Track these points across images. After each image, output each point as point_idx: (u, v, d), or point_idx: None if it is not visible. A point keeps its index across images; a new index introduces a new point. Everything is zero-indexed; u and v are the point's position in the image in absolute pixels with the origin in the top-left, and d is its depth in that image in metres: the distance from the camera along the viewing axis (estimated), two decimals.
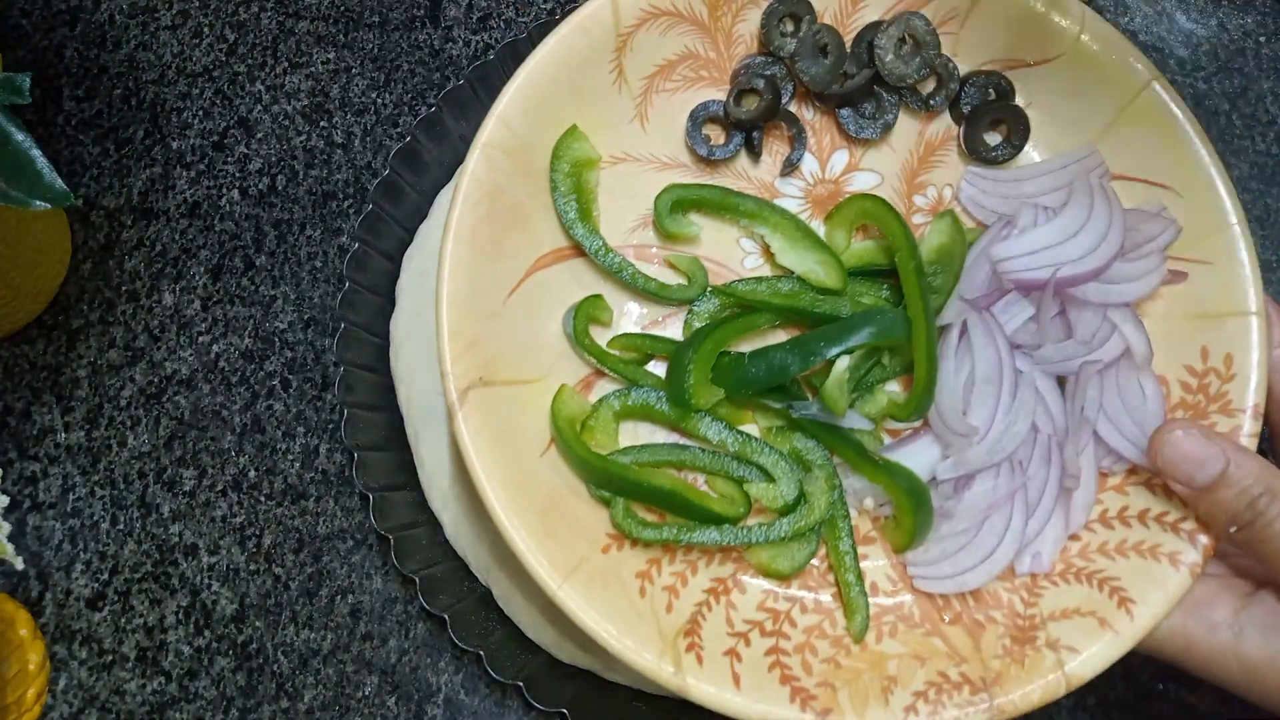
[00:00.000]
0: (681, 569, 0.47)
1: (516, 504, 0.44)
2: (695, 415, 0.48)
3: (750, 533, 0.46)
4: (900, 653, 0.45)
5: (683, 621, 0.45)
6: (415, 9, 0.71)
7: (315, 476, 0.60)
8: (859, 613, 0.46)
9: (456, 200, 0.47)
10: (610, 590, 0.45)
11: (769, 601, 0.47)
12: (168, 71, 0.69)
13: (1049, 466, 0.46)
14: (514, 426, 0.47)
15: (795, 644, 0.45)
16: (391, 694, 0.56)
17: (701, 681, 0.42)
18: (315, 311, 0.64)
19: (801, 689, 0.43)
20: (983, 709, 0.42)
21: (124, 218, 0.65)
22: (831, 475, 0.47)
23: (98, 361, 0.62)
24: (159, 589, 0.58)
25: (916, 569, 0.47)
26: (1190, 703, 0.57)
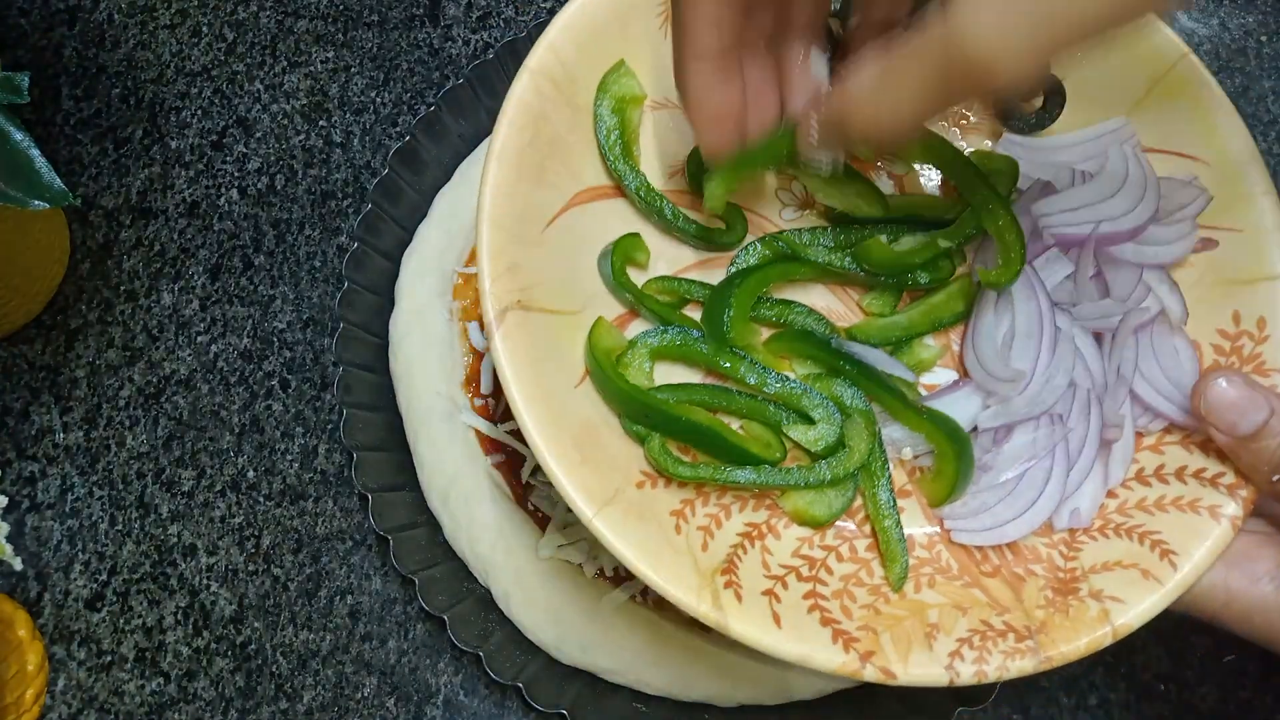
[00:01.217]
0: (716, 511, 0.46)
1: (552, 429, 0.43)
2: (734, 356, 0.47)
3: (788, 475, 0.45)
4: (940, 603, 0.44)
5: (719, 560, 0.43)
6: (414, 8, 0.71)
7: (314, 477, 0.60)
8: (897, 561, 0.45)
9: (502, 122, 0.46)
10: (646, 524, 0.43)
11: (804, 548, 0.46)
12: (166, 71, 0.69)
13: (1089, 420, 0.46)
14: (550, 354, 0.45)
15: (833, 590, 0.44)
16: (391, 695, 0.56)
17: (742, 620, 0.41)
18: (314, 311, 0.63)
19: (843, 631, 0.42)
20: (1029, 657, 0.41)
21: (122, 217, 0.65)
22: (871, 421, 0.46)
23: (96, 361, 0.62)
24: (158, 589, 0.58)
25: (954, 522, 0.46)
26: (1190, 703, 0.57)
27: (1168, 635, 0.58)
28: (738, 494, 0.46)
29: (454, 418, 0.57)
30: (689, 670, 0.52)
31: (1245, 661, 0.58)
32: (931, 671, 0.41)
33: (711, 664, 0.52)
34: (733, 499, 0.46)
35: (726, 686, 0.52)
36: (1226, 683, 0.57)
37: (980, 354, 0.47)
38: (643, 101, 0.50)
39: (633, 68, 0.49)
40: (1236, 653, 0.58)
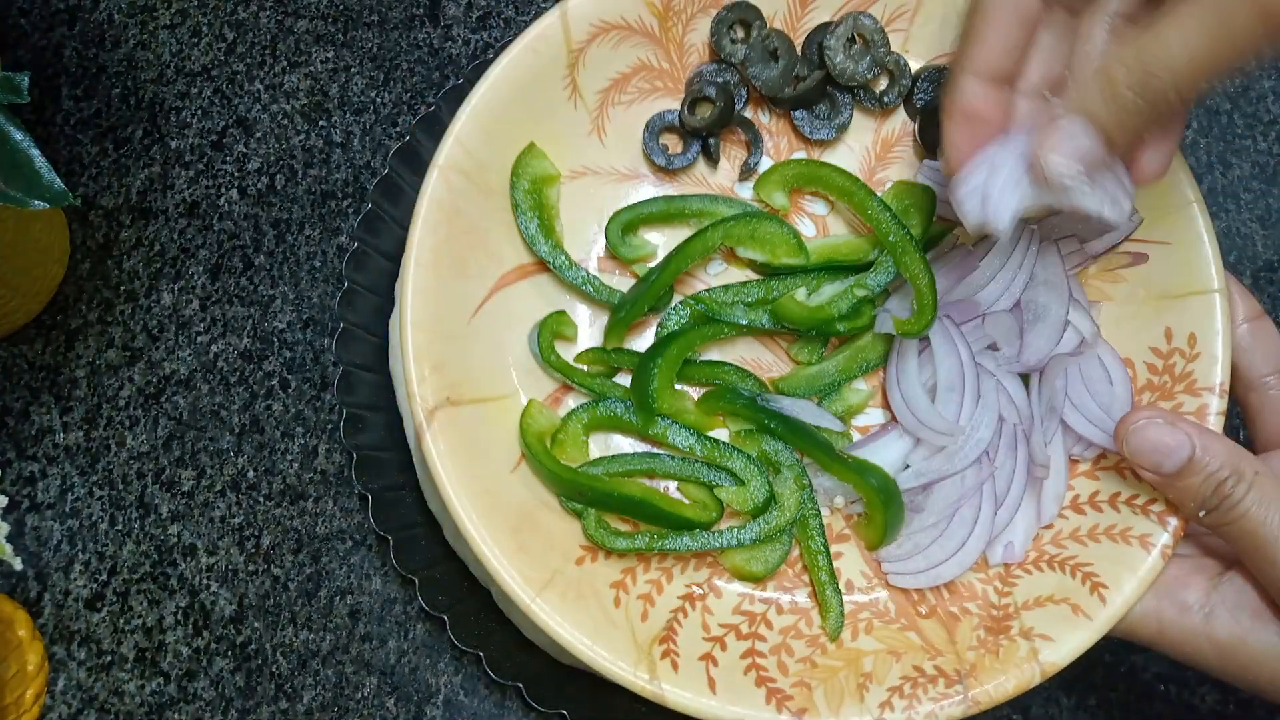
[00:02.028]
0: (656, 576, 0.47)
1: (489, 521, 0.45)
2: (662, 422, 0.48)
3: (722, 537, 0.46)
4: (876, 649, 0.45)
5: (658, 629, 0.45)
6: (414, 7, 0.71)
7: (314, 477, 0.60)
8: (833, 611, 0.46)
9: (416, 224, 0.47)
10: (585, 601, 0.45)
11: (745, 604, 0.47)
12: (166, 71, 0.69)
13: (1015, 456, 0.47)
14: (484, 444, 0.47)
15: (771, 645, 0.46)
16: (391, 695, 0.56)
17: (677, 688, 0.43)
18: (314, 311, 0.63)
19: (777, 690, 0.44)
20: (957, 701, 0.43)
21: (122, 217, 0.65)
22: (801, 475, 0.48)
23: (96, 361, 0.62)
24: (158, 589, 0.58)
25: (890, 565, 0.48)
26: (1190, 703, 0.57)
27: None
28: (678, 557, 0.48)
29: None
30: None
31: None
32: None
33: None
34: (673, 562, 0.48)
35: None
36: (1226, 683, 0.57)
37: (910, 402, 0.48)
38: (557, 179, 0.51)
39: (544, 143, 0.50)
40: None
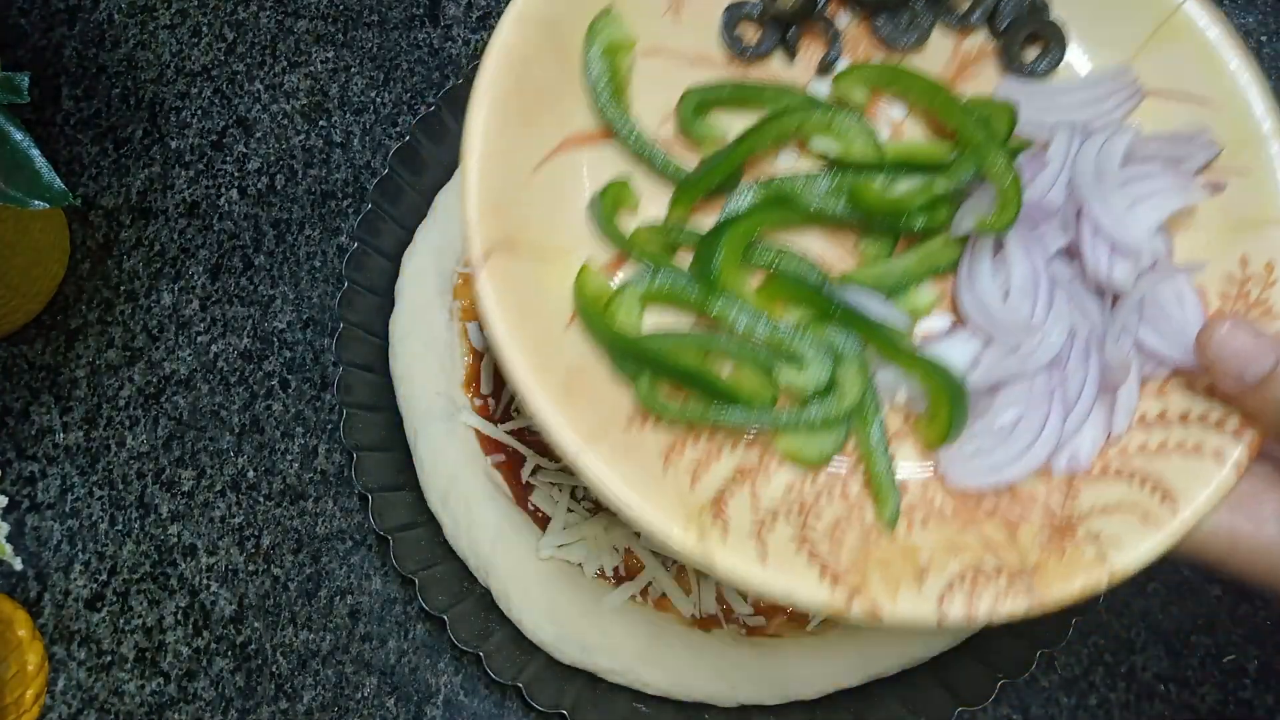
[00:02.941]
0: (705, 452, 0.45)
1: (538, 368, 0.42)
2: (723, 300, 0.46)
3: (778, 416, 0.44)
4: (932, 544, 0.43)
5: (707, 498, 0.43)
6: (414, 8, 0.71)
7: (314, 477, 0.60)
8: (889, 502, 0.44)
9: (488, 66, 0.45)
10: (632, 462, 0.42)
11: (795, 490, 0.45)
12: (166, 71, 0.69)
13: (1087, 366, 0.46)
14: (537, 296, 0.45)
15: (823, 530, 0.43)
16: (391, 695, 0.56)
17: (727, 555, 0.41)
18: (314, 311, 0.63)
19: (830, 568, 0.42)
20: (1021, 596, 0.41)
21: (122, 217, 0.65)
22: (864, 365, 0.45)
23: (96, 361, 0.62)
24: (158, 589, 0.58)
25: (950, 465, 0.46)
26: (1190, 703, 0.57)
27: (1168, 635, 0.58)
28: (728, 435, 0.45)
29: (454, 418, 0.57)
30: (689, 670, 0.52)
31: (1245, 661, 0.58)
32: (920, 610, 0.40)
33: (712, 664, 0.52)
34: (723, 440, 0.45)
35: (726, 687, 0.52)
36: (1227, 683, 0.57)
37: (982, 302, 0.46)
38: (632, 47, 0.49)
39: (619, 13, 0.48)
40: (1237, 653, 0.58)
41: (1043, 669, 0.57)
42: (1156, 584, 0.59)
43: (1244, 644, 0.58)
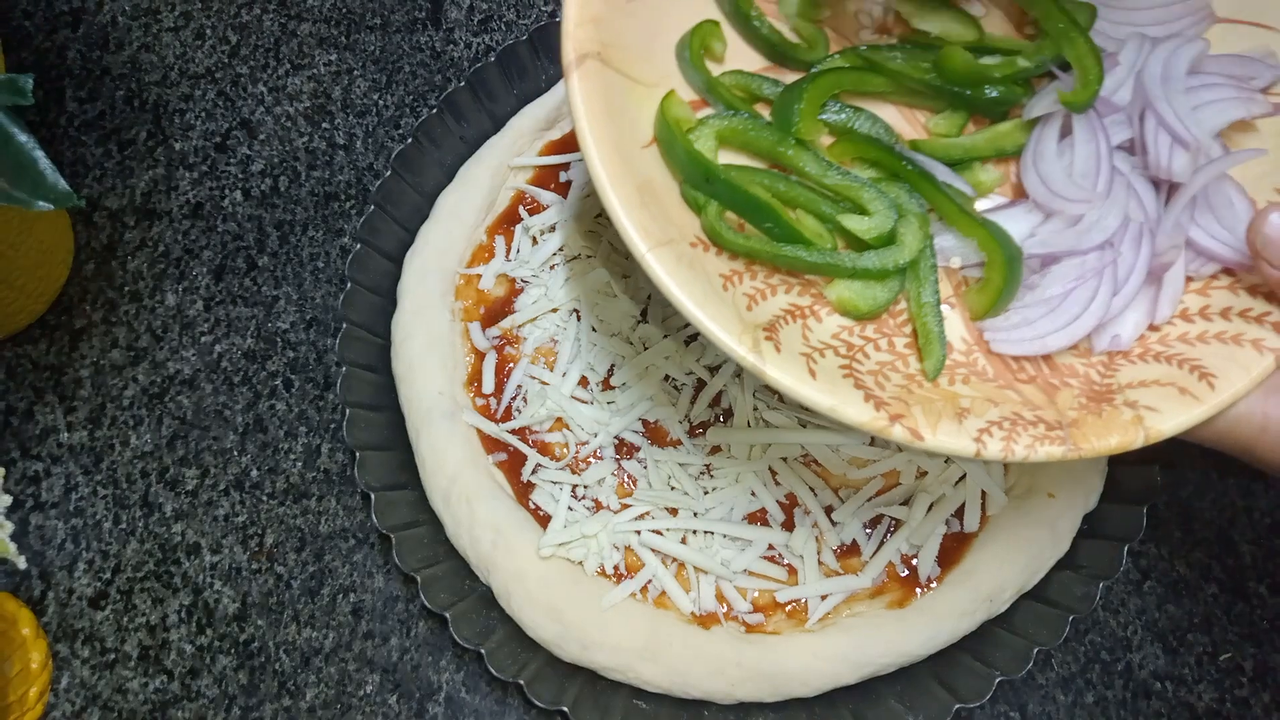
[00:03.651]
0: (761, 287, 0.46)
1: (616, 169, 0.43)
2: (798, 145, 0.47)
3: (838, 258, 0.46)
4: (973, 395, 0.45)
5: (762, 321, 0.44)
6: (417, 11, 0.71)
7: (317, 476, 0.60)
8: (934, 353, 0.45)
9: None
10: (695, 273, 0.44)
11: (844, 336, 0.46)
12: (170, 73, 0.69)
13: (1139, 250, 0.47)
14: (621, 111, 0.46)
15: (869, 368, 0.45)
16: (393, 692, 0.57)
17: (779, 367, 0.42)
18: (317, 312, 0.64)
19: (875, 395, 0.43)
20: (1058, 445, 0.42)
21: (127, 218, 0.65)
22: (925, 223, 0.47)
23: (100, 361, 0.62)
24: (161, 588, 0.58)
25: (995, 333, 0.47)
26: (1187, 700, 0.57)
27: (1165, 633, 0.58)
28: (784, 276, 0.47)
29: (456, 417, 0.57)
30: (689, 668, 0.53)
31: (1242, 660, 0.58)
32: (959, 442, 0.41)
33: (711, 662, 0.53)
34: (779, 280, 0.47)
35: (725, 684, 0.53)
36: (1223, 681, 0.58)
37: (1045, 178, 0.48)
38: None
39: None
40: (1233, 651, 0.58)
41: (1040, 667, 0.58)
42: (1152, 582, 0.59)
43: (1240, 642, 0.58)
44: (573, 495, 0.56)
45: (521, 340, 0.60)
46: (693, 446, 0.57)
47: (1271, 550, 0.60)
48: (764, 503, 0.55)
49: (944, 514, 0.55)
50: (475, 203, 0.62)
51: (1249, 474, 0.62)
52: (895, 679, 0.54)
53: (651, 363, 0.58)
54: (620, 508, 0.56)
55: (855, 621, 0.54)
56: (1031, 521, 0.55)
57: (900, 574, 0.55)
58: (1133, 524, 0.56)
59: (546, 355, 0.59)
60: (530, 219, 0.62)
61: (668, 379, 0.58)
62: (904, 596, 0.54)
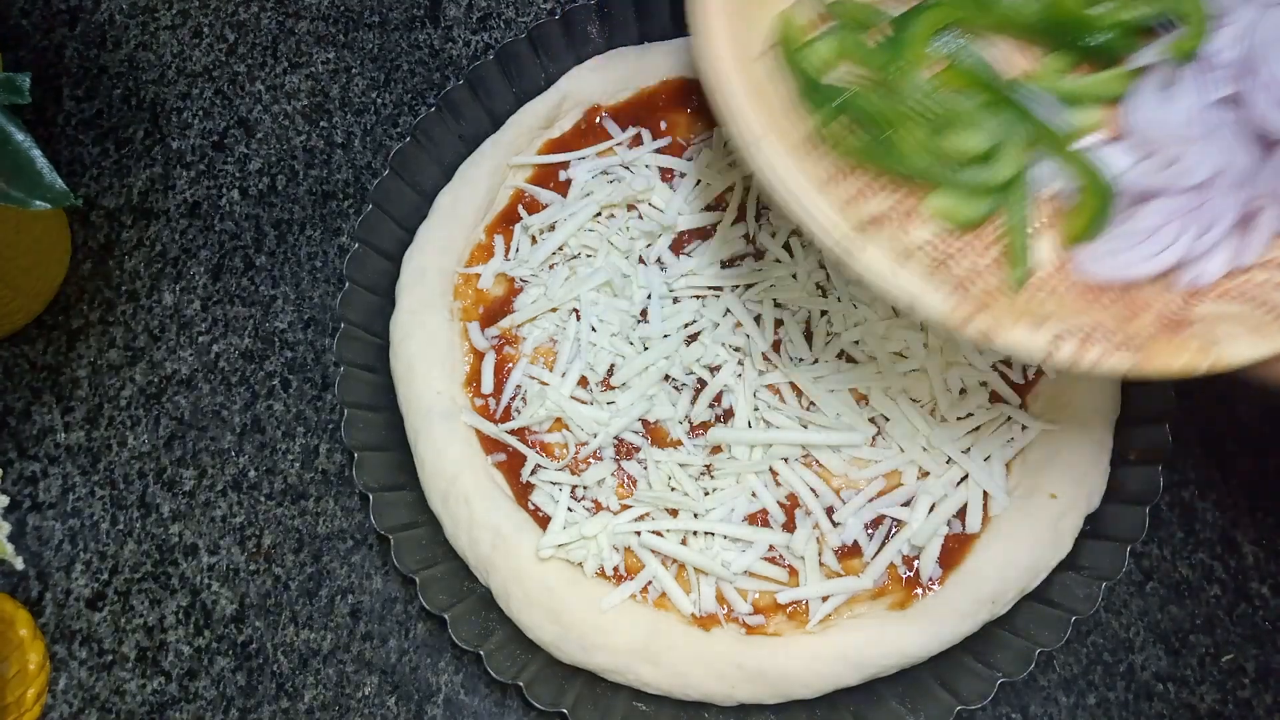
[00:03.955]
0: (862, 188, 0.48)
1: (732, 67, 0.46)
2: (907, 67, 0.50)
3: (941, 169, 0.49)
4: (1053, 310, 0.47)
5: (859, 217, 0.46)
6: (415, 9, 0.71)
7: (315, 476, 0.60)
8: (1021, 268, 0.48)
9: None
10: (800, 166, 0.46)
11: (936, 242, 0.48)
12: (168, 71, 0.69)
13: (1230, 197, 0.49)
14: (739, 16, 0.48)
15: (956, 272, 0.47)
16: (391, 694, 0.57)
17: (870, 253, 0.44)
18: (315, 311, 0.64)
19: (961, 287, 0.45)
20: (1127, 357, 0.44)
21: (124, 218, 0.65)
22: (1024, 148, 0.50)
23: (98, 361, 0.62)
24: (159, 589, 0.58)
25: (1082, 258, 0.49)
26: (1189, 702, 0.57)
27: (1167, 635, 0.58)
28: (885, 182, 0.49)
29: (454, 417, 0.57)
30: (689, 669, 0.52)
31: (1244, 661, 0.58)
32: (1034, 342, 0.44)
33: (711, 663, 0.52)
34: (880, 185, 0.49)
35: (726, 686, 0.52)
36: (1225, 682, 0.57)
37: (1145, 118, 0.50)
38: None
39: None
40: (1235, 652, 0.58)
41: (1042, 668, 0.57)
42: (1155, 583, 0.59)
43: (1242, 643, 0.58)
44: (572, 496, 0.56)
45: (521, 340, 0.59)
46: (693, 446, 0.57)
47: (1274, 551, 0.60)
48: (764, 503, 0.55)
49: (945, 515, 0.55)
50: (474, 202, 0.62)
51: (1253, 474, 0.62)
52: (897, 680, 0.54)
53: (651, 363, 0.58)
54: (620, 509, 0.56)
55: (856, 623, 0.53)
56: (1033, 522, 0.55)
57: (902, 575, 0.55)
58: (1135, 525, 0.55)
59: (546, 355, 0.59)
60: (529, 218, 0.62)
61: (668, 379, 0.58)
62: (905, 598, 0.54)
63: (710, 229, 0.61)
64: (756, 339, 0.58)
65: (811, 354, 0.58)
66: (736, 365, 0.58)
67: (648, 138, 0.64)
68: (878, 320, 0.58)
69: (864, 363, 0.58)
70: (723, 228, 0.61)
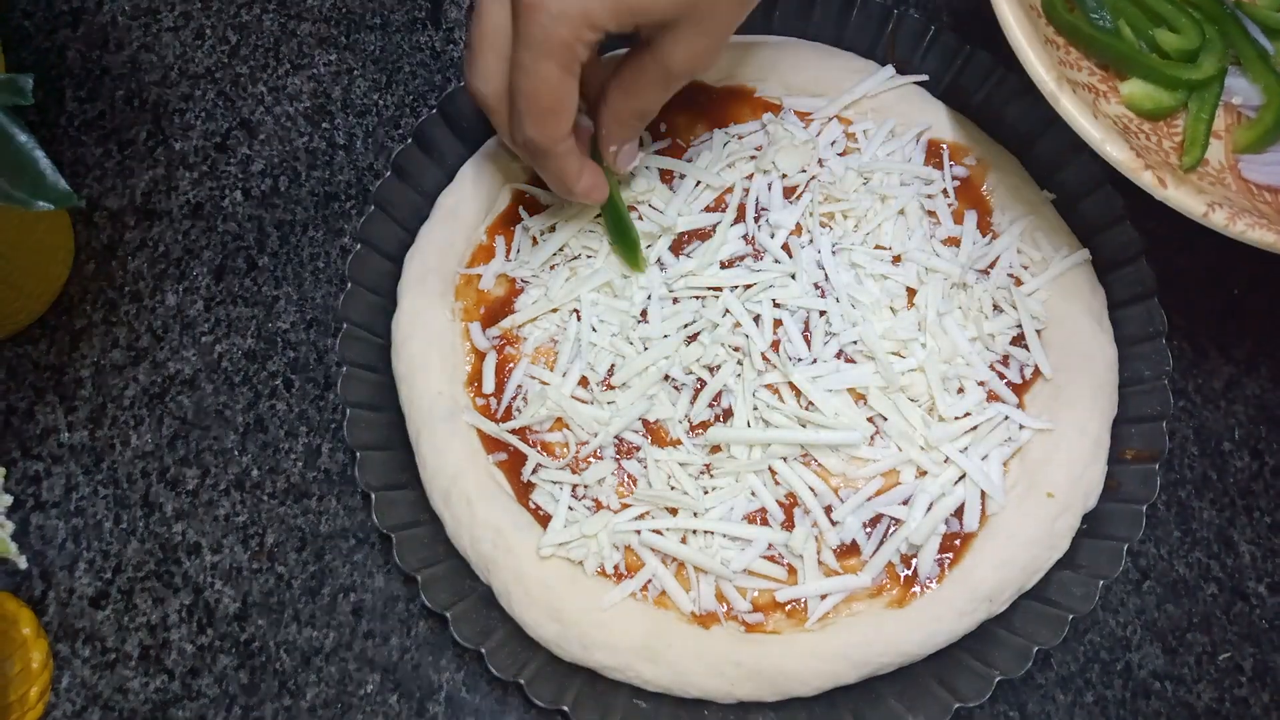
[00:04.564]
0: (1073, 59, 0.57)
1: None
2: None
3: (1145, 56, 0.57)
4: (1213, 192, 0.53)
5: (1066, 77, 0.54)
6: (417, 11, 0.71)
7: (317, 476, 0.61)
8: (1195, 154, 0.55)
9: None
10: (1029, 21, 0.54)
11: (1125, 119, 0.56)
12: (170, 73, 0.69)
13: None
14: None
15: (1137, 144, 0.54)
16: (393, 692, 0.57)
17: (1070, 101, 0.53)
18: (317, 312, 0.64)
19: (1136, 149, 0.53)
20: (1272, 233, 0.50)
21: (127, 219, 0.65)
22: (1224, 57, 0.58)
23: (101, 361, 0.62)
24: (162, 587, 0.58)
25: (1249, 163, 0.56)
26: (1186, 700, 0.57)
27: (1164, 633, 0.58)
28: (1093, 62, 0.58)
29: (456, 417, 0.57)
30: (689, 667, 0.53)
31: (1241, 659, 0.58)
32: (1193, 202, 0.51)
33: (711, 661, 0.53)
34: (1086, 65, 0.58)
35: (725, 684, 0.53)
36: (1222, 681, 0.58)
37: None
38: None
39: None
40: (1232, 651, 0.58)
41: (1039, 667, 0.58)
42: (1152, 582, 0.59)
43: (1240, 642, 0.58)
44: (573, 495, 0.56)
45: (521, 340, 0.60)
46: (692, 446, 0.57)
47: (1271, 550, 0.60)
48: (764, 502, 0.56)
49: (943, 514, 0.55)
50: (475, 203, 0.62)
51: (1250, 473, 0.62)
52: (895, 678, 0.54)
53: (651, 363, 0.58)
54: (620, 507, 0.56)
55: (855, 621, 0.54)
56: (1031, 521, 0.55)
57: (900, 573, 0.55)
58: (1132, 524, 0.56)
59: (546, 355, 0.59)
60: (530, 219, 0.62)
61: (668, 379, 0.58)
62: (903, 596, 0.54)
63: (710, 230, 0.62)
64: (756, 339, 0.58)
65: (810, 354, 0.58)
66: (736, 365, 0.58)
67: (648, 138, 0.64)
68: (876, 320, 0.59)
69: (862, 362, 0.58)
70: (722, 228, 0.61)
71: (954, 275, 0.59)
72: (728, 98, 0.65)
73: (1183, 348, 0.64)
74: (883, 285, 0.60)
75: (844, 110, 0.65)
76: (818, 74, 0.66)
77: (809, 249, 0.60)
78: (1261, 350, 0.64)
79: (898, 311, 0.59)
